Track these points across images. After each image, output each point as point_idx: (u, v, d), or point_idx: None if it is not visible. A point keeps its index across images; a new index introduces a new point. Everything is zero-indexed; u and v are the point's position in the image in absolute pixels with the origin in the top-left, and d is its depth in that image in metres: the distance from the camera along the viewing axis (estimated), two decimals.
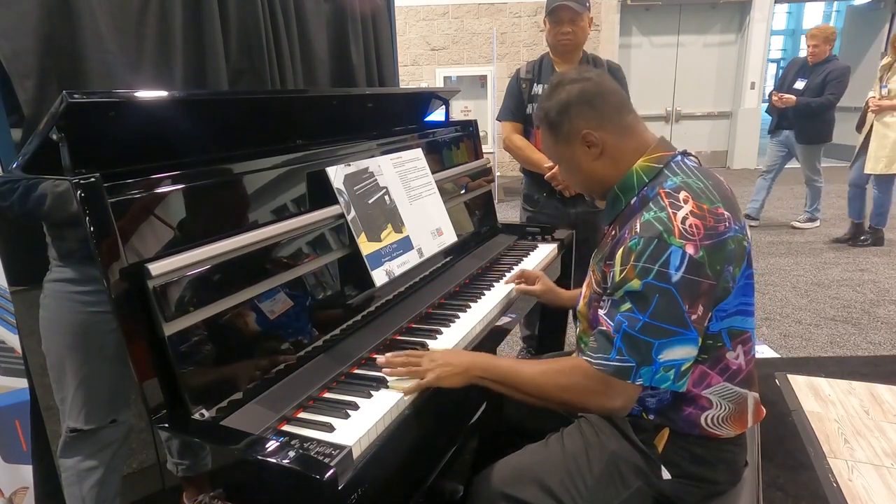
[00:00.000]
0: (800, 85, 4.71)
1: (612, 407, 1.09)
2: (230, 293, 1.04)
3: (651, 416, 1.15)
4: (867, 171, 4.36)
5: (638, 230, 1.05)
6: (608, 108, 1.15)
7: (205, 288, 1.00)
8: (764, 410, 1.22)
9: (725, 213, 1.07)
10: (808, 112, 4.59)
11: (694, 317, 1.03)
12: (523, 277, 1.67)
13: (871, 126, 4.32)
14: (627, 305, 1.05)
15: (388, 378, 1.13)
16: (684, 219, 1.03)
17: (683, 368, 1.06)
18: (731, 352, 1.11)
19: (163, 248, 0.97)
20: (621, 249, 1.07)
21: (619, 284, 1.06)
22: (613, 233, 1.17)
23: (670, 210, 1.05)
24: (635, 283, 1.04)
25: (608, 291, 1.10)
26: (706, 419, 1.12)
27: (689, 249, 1.01)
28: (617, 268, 1.07)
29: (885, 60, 4.38)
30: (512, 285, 1.65)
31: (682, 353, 1.04)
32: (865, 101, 4.41)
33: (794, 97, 4.56)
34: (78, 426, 1.10)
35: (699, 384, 1.11)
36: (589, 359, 1.08)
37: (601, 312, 1.11)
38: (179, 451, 0.93)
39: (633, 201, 1.14)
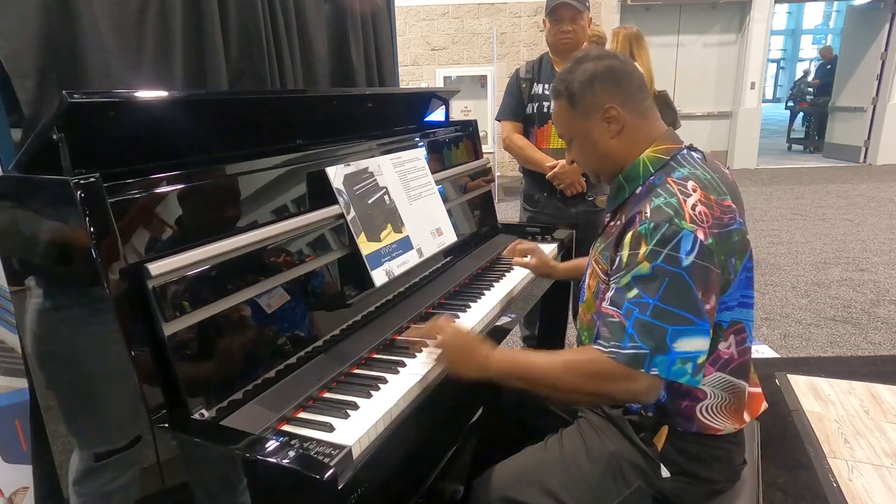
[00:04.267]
0: None
1: (637, 389, 1.03)
2: (230, 293, 1.04)
3: (650, 413, 1.15)
4: None
5: (648, 215, 1.04)
6: (632, 87, 1.16)
7: (205, 288, 1.00)
8: (763, 406, 1.22)
9: (732, 205, 1.08)
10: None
11: (707, 306, 1.02)
12: (519, 250, 1.72)
13: None
14: (635, 291, 1.03)
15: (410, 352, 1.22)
16: (694, 205, 1.03)
17: (699, 361, 1.03)
18: (723, 342, 1.11)
19: (162, 248, 0.97)
20: (630, 233, 1.06)
21: (626, 269, 1.05)
22: (618, 221, 1.17)
23: (680, 196, 1.04)
24: (644, 267, 1.02)
25: (614, 277, 1.08)
26: (702, 409, 1.12)
27: (700, 235, 1.01)
28: (625, 251, 1.06)
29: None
30: (516, 280, 1.66)
31: (697, 345, 1.02)
32: None
33: None
34: (108, 448, 1.06)
35: None
36: (601, 347, 1.04)
37: (608, 296, 1.08)
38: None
39: (637, 190, 1.14)
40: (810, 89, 10.28)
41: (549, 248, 2.00)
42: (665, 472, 1.15)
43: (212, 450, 0.90)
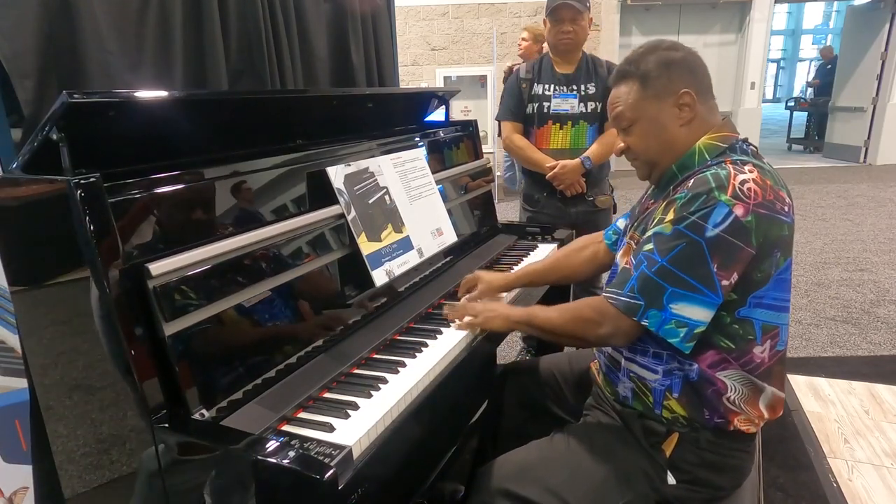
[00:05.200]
0: None
1: (599, 334, 1.11)
2: (230, 293, 1.04)
3: (675, 394, 1.13)
4: None
5: (690, 185, 1.04)
6: (705, 81, 1.16)
7: (205, 288, 1.00)
8: (781, 411, 1.20)
9: (788, 199, 1.06)
10: None
11: (725, 282, 1.00)
12: (463, 286, 1.53)
13: None
14: (650, 246, 1.05)
15: (453, 322, 1.33)
16: (744, 181, 1.01)
17: (697, 331, 1.04)
18: (759, 346, 1.10)
19: (163, 248, 0.97)
20: (666, 202, 1.07)
21: (652, 226, 1.07)
22: (661, 203, 1.14)
23: (732, 171, 1.03)
24: (666, 227, 1.04)
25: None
26: (727, 399, 1.11)
27: (738, 210, 0.99)
28: (657, 216, 1.07)
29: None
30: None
31: (699, 314, 1.02)
32: None
33: None
34: None
35: (715, 367, 1.10)
36: (605, 293, 1.11)
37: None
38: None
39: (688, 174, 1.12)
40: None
41: (549, 249, 2.00)
42: (671, 480, 1.14)
43: (212, 450, 0.90)
